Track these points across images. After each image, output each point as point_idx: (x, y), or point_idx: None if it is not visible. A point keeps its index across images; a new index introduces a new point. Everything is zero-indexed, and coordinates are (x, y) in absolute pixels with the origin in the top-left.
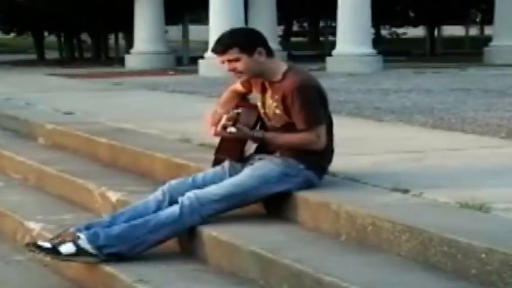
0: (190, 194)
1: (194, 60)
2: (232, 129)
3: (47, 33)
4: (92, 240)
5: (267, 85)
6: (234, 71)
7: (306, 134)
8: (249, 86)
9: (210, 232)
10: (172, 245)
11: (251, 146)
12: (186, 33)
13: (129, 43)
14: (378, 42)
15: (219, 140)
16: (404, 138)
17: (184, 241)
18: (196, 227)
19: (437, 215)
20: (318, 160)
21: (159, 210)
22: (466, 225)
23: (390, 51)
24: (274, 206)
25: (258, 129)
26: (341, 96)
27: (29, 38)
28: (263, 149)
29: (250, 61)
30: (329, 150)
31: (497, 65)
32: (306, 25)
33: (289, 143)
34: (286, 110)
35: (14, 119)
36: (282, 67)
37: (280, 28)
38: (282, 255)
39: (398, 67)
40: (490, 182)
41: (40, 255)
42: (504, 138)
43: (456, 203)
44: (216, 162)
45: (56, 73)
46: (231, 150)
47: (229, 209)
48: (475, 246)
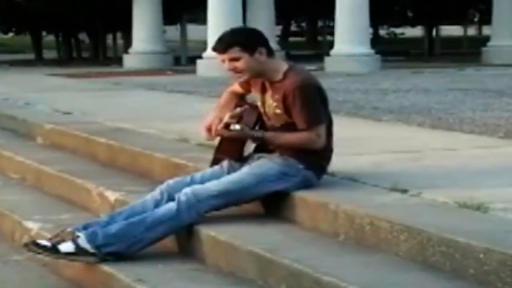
0: (187, 190)
1: (192, 60)
2: (237, 126)
3: (45, 32)
4: (91, 239)
5: (267, 85)
6: (234, 70)
7: (306, 133)
8: (248, 87)
9: (208, 232)
10: (171, 244)
11: (250, 146)
12: (184, 33)
13: (127, 43)
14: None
15: (219, 140)
16: (403, 138)
17: (183, 241)
18: (194, 226)
19: (436, 215)
20: (317, 160)
21: None
22: (464, 225)
23: (388, 51)
24: (273, 205)
25: (257, 128)
26: (339, 96)
27: (27, 38)
28: (262, 148)
29: (251, 60)
30: (328, 150)
31: (495, 65)
32: (304, 25)
33: (289, 143)
34: (287, 110)
35: (12, 118)
36: (282, 67)
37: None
38: (280, 255)
39: (397, 67)
40: (488, 182)
41: (39, 255)
42: (502, 138)
43: (454, 203)
44: (214, 162)
45: (54, 73)
46: (231, 150)
47: (227, 205)
48: (473, 246)
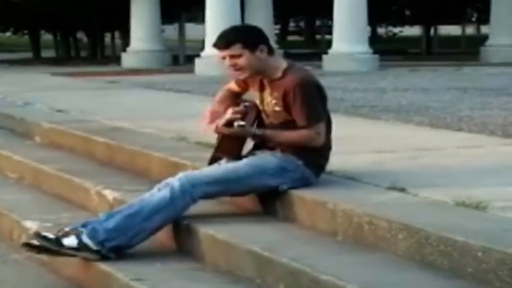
0: (181, 175)
1: (190, 59)
2: (242, 123)
3: (43, 32)
4: (93, 235)
5: (266, 83)
6: (234, 67)
7: (306, 130)
8: (244, 85)
9: (206, 231)
10: (169, 243)
11: (248, 144)
12: (182, 32)
13: (126, 42)
14: (374, 41)
15: (219, 139)
16: (401, 137)
17: (181, 240)
18: (192, 225)
19: (434, 213)
20: (316, 157)
21: None
22: (462, 224)
23: (386, 50)
24: (271, 204)
25: (255, 126)
26: (337, 94)
27: (25, 37)
28: (261, 146)
29: (252, 58)
30: (327, 148)
31: (493, 64)
32: (302, 24)
33: (289, 140)
34: (286, 107)
35: (11, 117)
36: (282, 65)
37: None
38: (278, 254)
39: (395, 66)
40: (486, 180)
41: (38, 255)
42: (500, 137)
43: (453, 202)
44: (212, 161)
45: (53, 72)
46: (231, 148)
47: (221, 194)
48: (472, 244)
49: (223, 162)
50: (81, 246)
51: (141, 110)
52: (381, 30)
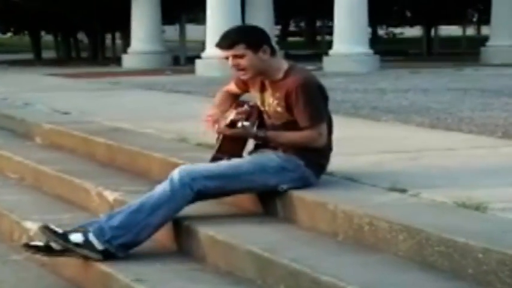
0: (181, 168)
1: (191, 60)
2: (246, 123)
3: (43, 32)
4: (99, 234)
5: (267, 84)
6: (237, 67)
7: (308, 131)
8: (244, 87)
9: (206, 231)
10: (169, 244)
11: (249, 144)
12: (183, 32)
13: (126, 43)
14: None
15: (220, 139)
16: (402, 138)
17: (181, 240)
18: (193, 226)
19: (435, 214)
20: (317, 158)
21: None
22: (463, 225)
23: (387, 51)
24: (271, 205)
25: (256, 127)
26: (338, 95)
27: (25, 38)
28: (264, 146)
29: (255, 58)
30: (328, 149)
31: (494, 64)
32: (302, 25)
33: (291, 141)
34: (288, 108)
35: (11, 118)
36: (283, 66)
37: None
38: (279, 255)
39: (395, 67)
40: (487, 181)
41: (37, 255)
42: (501, 138)
43: (453, 203)
44: (213, 161)
45: (53, 73)
46: (232, 149)
47: (220, 189)
48: (472, 245)
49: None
50: (86, 244)
51: (141, 110)
52: (381, 31)
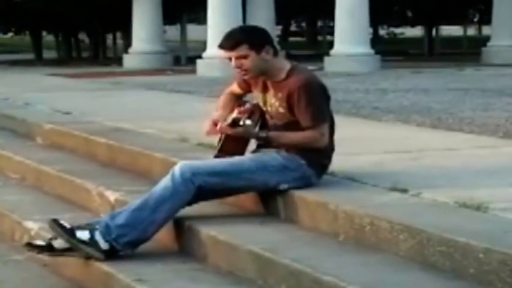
0: (182, 163)
1: (192, 60)
2: (248, 122)
3: (45, 32)
4: (106, 233)
5: (269, 84)
6: (240, 67)
7: (311, 131)
8: (246, 87)
9: (208, 232)
10: (171, 244)
11: (252, 144)
12: (184, 33)
13: (127, 43)
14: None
15: (222, 140)
16: (403, 138)
17: (183, 240)
18: (194, 225)
19: (436, 214)
20: (319, 158)
21: None
22: (464, 225)
23: (388, 51)
24: (272, 205)
25: (258, 127)
26: (339, 96)
27: (26, 38)
28: (265, 146)
29: (258, 59)
30: (330, 149)
31: (495, 64)
32: (304, 25)
33: (293, 141)
34: (290, 108)
35: (12, 118)
36: (286, 66)
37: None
38: (280, 255)
39: (396, 67)
40: (488, 181)
41: (39, 256)
42: (502, 138)
43: (454, 203)
44: None
45: (54, 73)
46: (234, 149)
47: (221, 186)
48: (473, 245)
49: None
50: (91, 242)
51: (142, 110)
52: (382, 31)
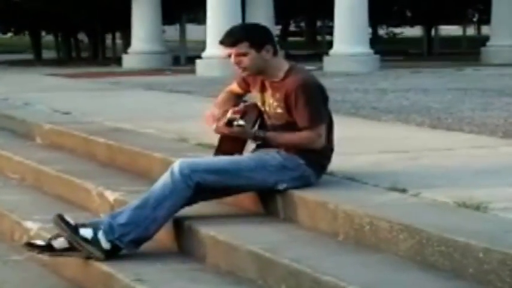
0: (181, 161)
1: (191, 60)
2: (241, 122)
3: (44, 33)
4: (109, 232)
5: (267, 84)
6: (238, 64)
7: (307, 132)
8: (246, 86)
9: (207, 232)
10: (170, 244)
11: (250, 146)
12: (183, 32)
13: (127, 43)
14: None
15: (219, 140)
16: (402, 138)
17: (182, 240)
18: (194, 225)
19: (435, 214)
20: (318, 158)
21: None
22: (463, 225)
23: (387, 51)
24: (272, 205)
25: (257, 127)
26: (338, 95)
27: (26, 38)
28: (264, 146)
29: (257, 57)
30: (329, 149)
31: (494, 64)
32: (303, 25)
33: (290, 142)
34: (288, 109)
35: (12, 118)
36: (284, 66)
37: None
38: (279, 255)
39: (396, 67)
40: (487, 181)
41: (39, 256)
42: (501, 138)
43: (454, 203)
44: None
45: (54, 73)
46: (232, 148)
47: (219, 183)
48: (473, 245)
49: None
50: (93, 241)
51: (141, 110)
52: (381, 31)
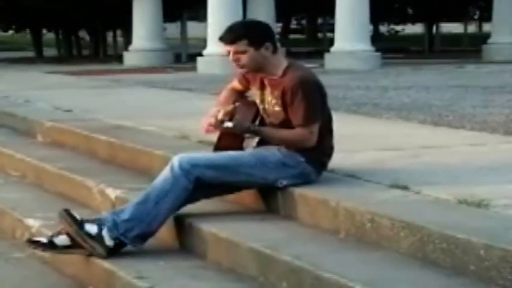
0: (180, 155)
1: (193, 57)
2: (229, 124)
3: (45, 30)
4: (114, 228)
5: (266, 82)
6: (237, 61)
7: (301, 130)
8: (247, 83)
9: (209, 229)
10: (171, 241)
11: (252, 142)
12: (184, 30)
13: (128, 40)
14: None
15: (218, 136)
16: (403, 135)
17: (183, 238)
18: (195, 223)
19: (436, 211)
20: (318, 155)
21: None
22: (464, 222)
23: (389, 48)
24: (273, 202)
25: (257, 124)
26: (339, 93)
27: (27, 36)
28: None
29: (256, 55)
30: (329, 147)
31: (495, 61)
32: (304, 22)
33: (283, 138)
34: (285, 106)
35: (13, 116)
36: (283, 63)
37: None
38: (281, 252)
39: (397, 64)
40: (488, 178)
41: (40, 253)
42: (502, 135)
43: (455, 200)
44: None
45: (55, 70)
46: (230, 145)
47: (218, 179)
48: (474, 242)
49: None
50: (97, 237)
51: (143, 108)
52: (383, 28)
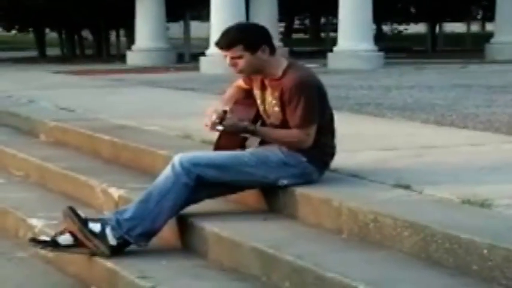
0: (181, 155)
1: (195, 57)
2: (219, 127)
3: (48, 30)
4: (118, 227)
5: (267, 82)
6: (234, 66)
7: (297, 131)
8: (251, 83)
9: (211, 228)
10: (174, 241)
11: (254, 141)
12: (187, 30)
13: (131, 40)
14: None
15: (218, 136)
16: (406, 135)
17: (186, 237)
18: (197, 222)
19: (439, 211)
20: (319, 155)
21: None
22: (467, 221)
23: (392, 48)
24: (276, 202)
25: (259, 124)
26: (342, 92)
27: (30, 35)
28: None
29: (253, 59)
30: (331, 146)
31: (498, 61)
32: (307, 22)
33: (279, 138)
34: (284, 107)
35: (16, 116)
36: (282, 64)
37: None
38: (283, 252)
39: (400, 64)
40: (491, 178)
41: (43, 253)
42: (505, 134)
43: (458, 199)
44: None
45: (58, 70)
46: (230, 144)
47: (220, 179)
48: (477, 242)
49: None
50: (100, 235)
51: (146, 108)
52: (386, 28)
